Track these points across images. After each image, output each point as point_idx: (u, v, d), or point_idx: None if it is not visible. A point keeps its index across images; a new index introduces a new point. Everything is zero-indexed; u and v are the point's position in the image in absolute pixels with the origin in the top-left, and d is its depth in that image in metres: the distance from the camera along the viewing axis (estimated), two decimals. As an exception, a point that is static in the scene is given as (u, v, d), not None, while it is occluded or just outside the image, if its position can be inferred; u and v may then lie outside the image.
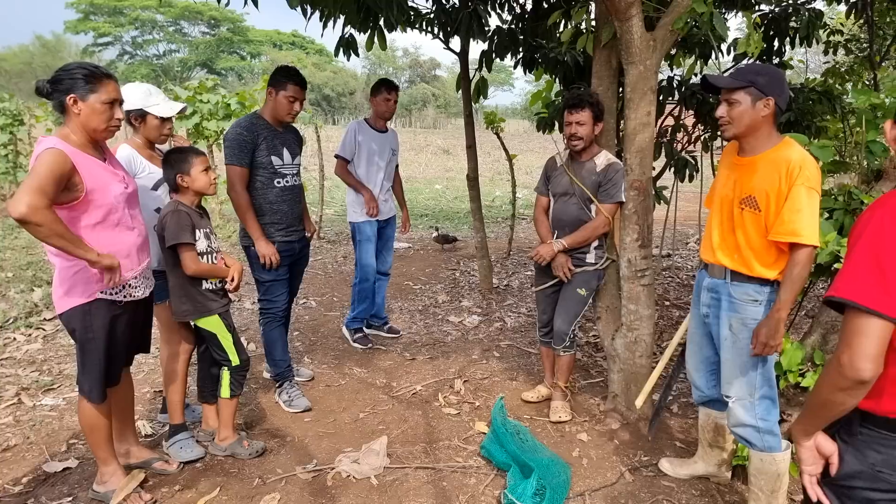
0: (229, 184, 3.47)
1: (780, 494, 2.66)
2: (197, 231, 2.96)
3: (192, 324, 3.13)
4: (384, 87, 4.58)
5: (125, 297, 2.66)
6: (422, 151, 24.03)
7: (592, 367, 4.45)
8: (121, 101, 2.55)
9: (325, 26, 4.20)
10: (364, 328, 4.99)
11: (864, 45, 7.16)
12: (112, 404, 2.81)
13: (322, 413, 3.70)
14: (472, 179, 5.97)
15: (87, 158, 2.48)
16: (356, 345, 4.75)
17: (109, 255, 2.49)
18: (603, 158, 3.42)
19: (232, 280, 3.10)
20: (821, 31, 5.46)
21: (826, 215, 2.66)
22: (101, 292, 2.56)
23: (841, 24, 7.72)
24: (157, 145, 3.20)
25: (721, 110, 2.49)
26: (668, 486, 3.00)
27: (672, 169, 5.23)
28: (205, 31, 51.75)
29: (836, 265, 2.54)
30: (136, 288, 2.71)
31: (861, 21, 6.41)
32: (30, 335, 4.82)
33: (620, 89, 3.84)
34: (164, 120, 3.08)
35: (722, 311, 2.63)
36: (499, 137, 7.02)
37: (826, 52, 7.02)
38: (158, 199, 3.12)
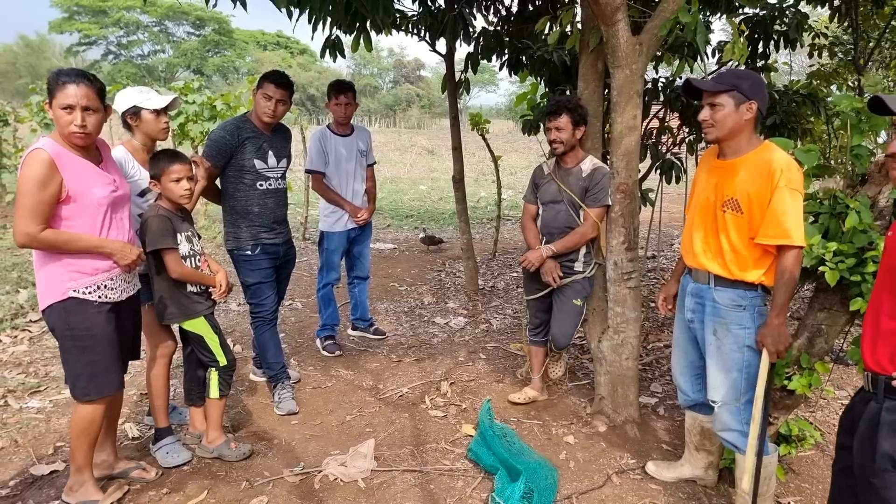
0: None
1: (767, 497, 2.67)
2: (178, 234, 2.94)
3: (171, 326, 3.10)
4: (333, 92, 4.41)
5: (100, 297, 2.60)
6: (406, 152, 23.97)
7: (579, 370, 4.46)
8: (84, 107, 2.44)
9: (314, 29, 4.17)
10: (350, 331, 5.00)
11: (849, 48, 7.20)
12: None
13: (309, 415, 3.69)
14: (458, 181, 5.97)
15: (73, 159, 2.49)
16: (325, 352, 4.62)
17: (111, 241, 2.59)
18: (588, 164, 3.44)
19: (220, 287, 3.09)
20: (805, 34, 5.50)
21: (811, 219, 2.67)
22: (73, 291, 2.53)
23: (825, 26, 7.77)
24: (158, 141, 3.16)
25: (704, 114, 2.49)
26: (655, 489, 3.02)
27: (658, 171, 5.26)
28: (190, 31, 51.41)
29: (821, 268, 2.55)
30: (112, 290, 2.64)
31: (845, 24, 6.46)
32: (15, 337, 4.76)
33: (606, 91, 3.85)
34: (159, 113, 3.05)
35: (706, 316, 2.63)
36: (484, 139, 7.03)
37: (811, 55, 7.06)
38: (143, 206, 3.08)
